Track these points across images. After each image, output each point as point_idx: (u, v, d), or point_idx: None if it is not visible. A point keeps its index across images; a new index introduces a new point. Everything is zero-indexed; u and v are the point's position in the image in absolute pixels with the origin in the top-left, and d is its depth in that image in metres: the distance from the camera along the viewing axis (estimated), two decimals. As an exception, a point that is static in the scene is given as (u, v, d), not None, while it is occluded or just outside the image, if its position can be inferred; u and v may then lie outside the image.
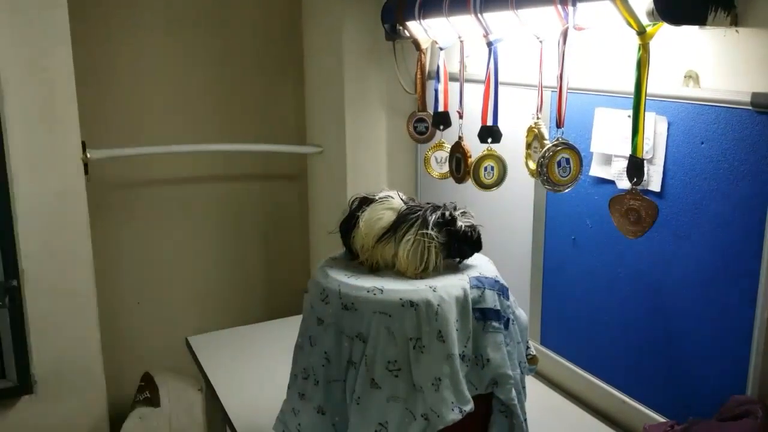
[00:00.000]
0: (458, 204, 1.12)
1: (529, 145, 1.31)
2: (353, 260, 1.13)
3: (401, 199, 1.13)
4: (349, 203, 1.15)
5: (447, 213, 1.09)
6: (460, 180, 1.47)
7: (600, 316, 1.36)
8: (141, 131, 2.12)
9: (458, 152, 1.46)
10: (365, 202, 1.13)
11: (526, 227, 1.52)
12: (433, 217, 1.07)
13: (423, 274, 1.06)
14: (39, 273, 1.74)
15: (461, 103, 1.48)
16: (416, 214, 1.08)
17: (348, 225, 1.12)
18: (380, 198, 1.13)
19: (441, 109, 1.57)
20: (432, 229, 1.06)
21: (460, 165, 1.46)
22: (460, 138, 1.46)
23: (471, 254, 1.11)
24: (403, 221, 1.08)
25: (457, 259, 1.11)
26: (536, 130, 1.28)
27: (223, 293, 2.37)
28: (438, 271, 1.07)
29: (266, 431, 1.17)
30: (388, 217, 1.09)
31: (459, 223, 1.08)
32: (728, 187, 1.07)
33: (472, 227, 1.09)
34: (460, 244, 1.08)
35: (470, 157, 1.43)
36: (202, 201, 2.29)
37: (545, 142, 1.26)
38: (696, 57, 1.11)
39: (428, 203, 1.11)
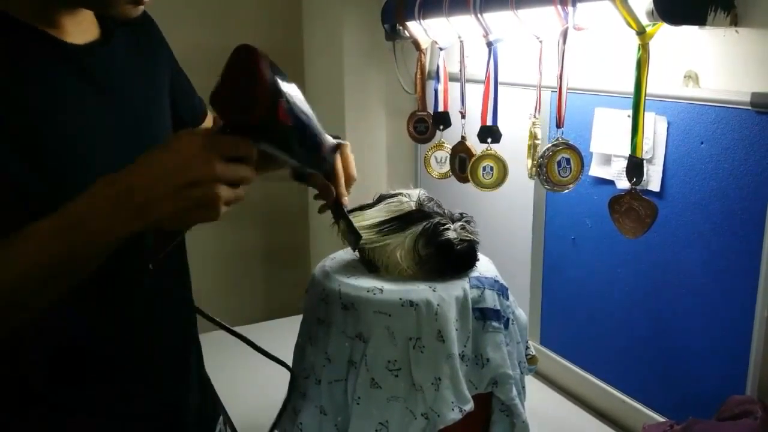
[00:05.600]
0: (460, 207, 1.11)
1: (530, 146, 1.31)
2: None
3: (419, 199, 1.11)
4: (373, 199, 1.15)
5: (436, 224, 1.05)
6: (464, 180, 1.46)
7: (599, 316, 1.36)
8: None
9: (462, 152, 1.46)
10: (383, 198, 1.13)
11: (526, 227, 1.52)
12: (420, 227, 1.05)
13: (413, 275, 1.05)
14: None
15: (463, 103, 1.48)
16: (412, 219, 1.07)
17: None
18: (392, 196, 1.12)
19: (441, 109, 1.57)
20: (417, 239, 1.04)
21: (464, 165, 1.45)
22: (463, 138, 1.46)
23: (464, 270, 1.06)
24: (397, 222, 1.07)
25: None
26: (532, 130, 1.28)
27: (223, 293, 2.37)
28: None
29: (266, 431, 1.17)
30: (394, 217, 1.09)
31: (450, 237, 1.04)
32: (728, 186, 1.08)
33: (467, 242, 1.05)
34: (450, 259, 1.04)
35: (475, 156, 1.43)
36: (202, 201, 2.29)
37: (537, 141, 1.27)
38: (696, 57, 1.11)
39: (437, 210, 1.09)
